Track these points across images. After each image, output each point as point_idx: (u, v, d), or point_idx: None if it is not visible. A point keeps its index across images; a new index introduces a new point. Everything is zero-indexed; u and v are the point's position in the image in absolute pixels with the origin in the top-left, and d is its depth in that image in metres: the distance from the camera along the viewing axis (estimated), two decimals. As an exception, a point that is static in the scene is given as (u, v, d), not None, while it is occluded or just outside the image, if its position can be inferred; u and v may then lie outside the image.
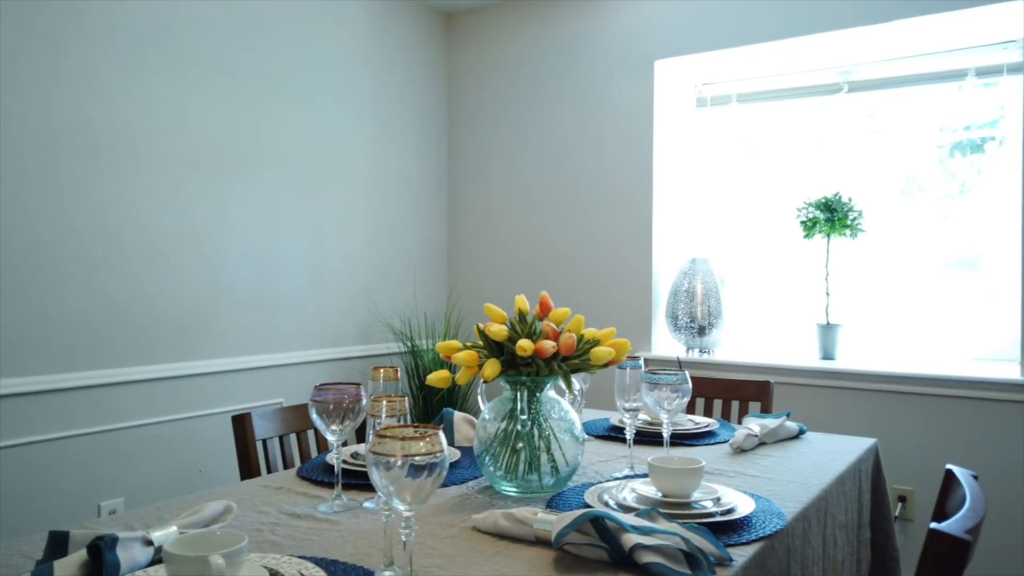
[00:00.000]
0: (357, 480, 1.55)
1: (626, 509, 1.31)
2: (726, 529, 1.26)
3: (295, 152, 3.29)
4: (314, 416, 1.42)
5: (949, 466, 1.37)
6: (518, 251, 3.88)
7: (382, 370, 1.43)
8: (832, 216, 3.17)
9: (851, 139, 3.37)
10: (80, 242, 2.56)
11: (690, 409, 2.30)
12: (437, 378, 1.48)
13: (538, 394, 1.50)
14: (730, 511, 1.31)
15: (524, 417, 1.48)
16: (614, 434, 2.00)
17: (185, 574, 0.94)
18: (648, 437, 1.91)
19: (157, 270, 2.77)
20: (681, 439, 1.92)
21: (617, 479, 1.57)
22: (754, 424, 1.92)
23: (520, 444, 1.49)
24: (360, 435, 2.03)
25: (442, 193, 4.12)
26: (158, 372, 2.77)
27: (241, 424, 1.73)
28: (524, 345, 1.40)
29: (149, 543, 1.12)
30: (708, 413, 2.42)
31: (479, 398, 1.62)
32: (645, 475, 1.57)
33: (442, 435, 1.00)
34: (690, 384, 1.60)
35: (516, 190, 3.89)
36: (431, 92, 4.04)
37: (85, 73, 2.56)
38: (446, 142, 4.12)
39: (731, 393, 2.36)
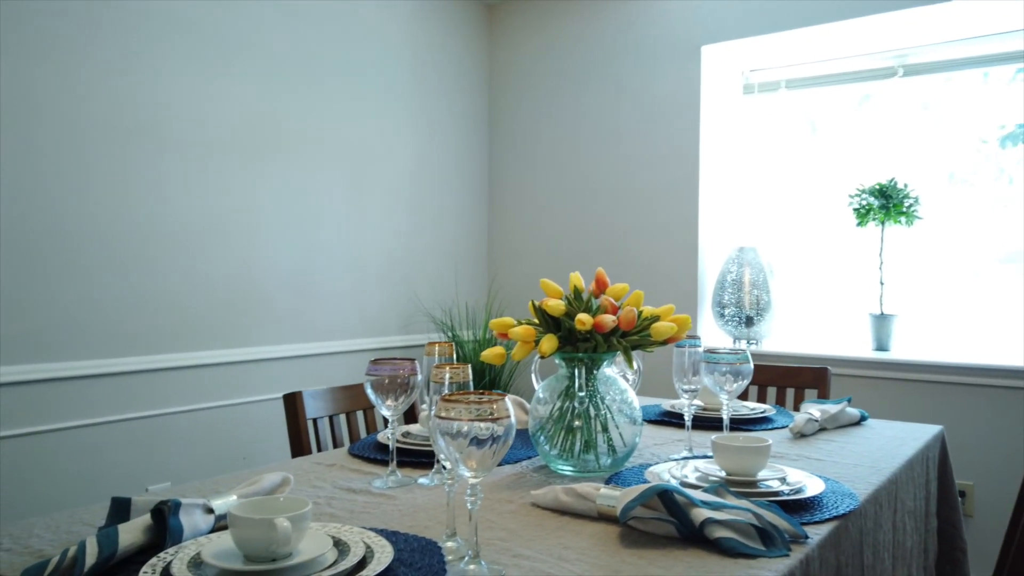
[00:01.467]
0: (410, 458, 1.53)
1: (690, 487, 1.27)
2: (796, 509, 1.22)
3: (337, 142, 3.30)
4: (369, 391, 1.40)
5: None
6: (559, 241, 3.84)
7: (437, 345, 1.40)
8: (887, 203, 3.08)
9: (905, 125, 3.27)
10: (132, 230, 2.59)
11: (743, 397, 2.24)
12: (492, 354, 1.45)
13: (595, 371, 1.46)
14: (799, 490, 1.26)
15: (582, 394, 1.45)
16: (668, 419, 1.95)
17: (251, 537, 0.92)
18: (703, 422, 1.86)
19: (201, 258, 2.79)
20: (737, 425, 1.87)
21: (676, 460, 1.53)
22: (814, 409, 1.86)
23: (576, 423, 1.46)
24: (408, 417, 2.01)
25: (483, 184, 4.10)
26: (202, 359, 2.79)
27: (292, 402, 1.72)
28: (583, 319, 1.36)
29: (210, 511, 1.11)
30: (762, 401, 2.36)
31: (532, 376, 1.59)
32: (705, 456, 1.53)
33: (509, 400, 0.98)
34: (752, 364, 1.55)
35: (558, 181, 3.86)
36: (473, 83, 4.02)
37: (134, 64, 2.58)
38: (487, 133, 4.10)
39: (786, 380, 2.29)
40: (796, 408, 2.22)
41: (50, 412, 2.39)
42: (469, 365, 1.13)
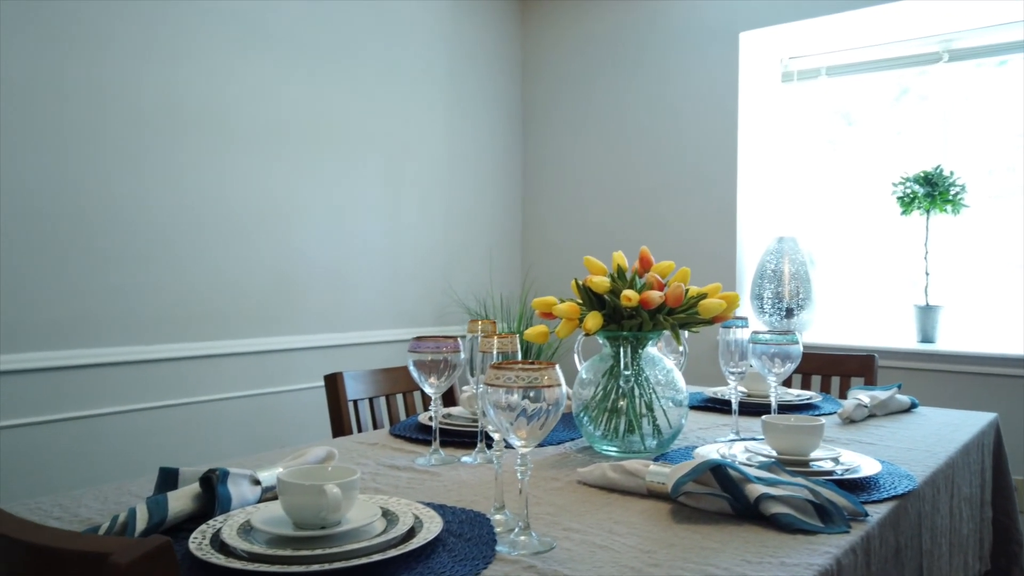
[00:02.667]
0: (452, 438, 1.52)
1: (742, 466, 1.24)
2: (851, 488, 1.18)
3: (375, 134, 3.31)
4: (412, 368, 1.39)
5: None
6: (594, 233, 3.81)
7: (480, 322, 1.39)
8: (932, 191, 3.00)
9: (950, 112, 3.19)
10: (181, 219, 2.62)
11: (786, 384, 2.19)
12: (535, 333, 1.43)
13: (640, 350, 1.44)
14: (854, 471, 1.22)
15: (627, 373, 1.42)
16: (711, 405, 1.92)
17: (301, 503, 0.91)
18: (748, 408, 1.82)
19: (237, 247, 2.82)
20: (782, 411, 1.83)
21: (724, 442, 1.50)
22: (863, 395, 1.81)
23: (621, 403, 1.43)
24: (446, 401, 2.00)
25: (517, 176, 4.09)
26: (240, 347, 2.82)
27: (334, 382, 1.72)
28: (629, 295, 1.34)
29: (257, 482, 1.10)
30: (806, 389, 2.31)
31: (575, 356, 1.57)
32: (754, 439, 1.49)
33: (559, 369, 0.96)
34: (800, 346, 1.51)
35: (593, 172, 3.83)
36: (507, 74, 4.01)
37: (174, 50, 2.61)
38: (521, 124, 4.08)
39: (831, 368, 2.24)
40: (842, 397, 2.17)
41: (97, 396, 2.43)
42: (517, 335, 1.11)
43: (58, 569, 0.64)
